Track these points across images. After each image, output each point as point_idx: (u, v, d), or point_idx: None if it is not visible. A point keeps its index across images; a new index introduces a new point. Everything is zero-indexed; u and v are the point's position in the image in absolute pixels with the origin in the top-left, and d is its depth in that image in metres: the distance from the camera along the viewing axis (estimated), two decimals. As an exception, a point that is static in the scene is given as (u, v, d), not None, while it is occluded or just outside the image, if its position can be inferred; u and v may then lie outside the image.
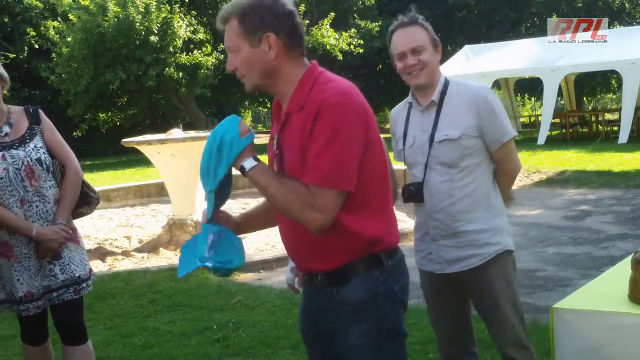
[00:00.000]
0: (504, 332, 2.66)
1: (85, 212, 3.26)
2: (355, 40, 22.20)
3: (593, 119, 19.95)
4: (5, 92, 3.04)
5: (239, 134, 1.84)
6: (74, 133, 20.63)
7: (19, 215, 2.93)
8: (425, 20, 2.63)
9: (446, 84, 2.65)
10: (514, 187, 10.44)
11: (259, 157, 1.86)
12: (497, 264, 2.63)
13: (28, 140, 2.99)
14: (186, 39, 20.05)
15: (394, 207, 2.14)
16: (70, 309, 3.09)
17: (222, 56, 21.72)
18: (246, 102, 26.20)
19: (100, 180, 14.18)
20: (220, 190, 1.92)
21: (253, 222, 2.19)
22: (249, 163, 1.84)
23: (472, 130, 2.56)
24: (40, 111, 3.11)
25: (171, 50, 19.26)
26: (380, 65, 27.81)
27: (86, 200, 3.21)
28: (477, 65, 17.71)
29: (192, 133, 8.26)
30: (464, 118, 2.57)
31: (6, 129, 2.99)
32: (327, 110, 1.78)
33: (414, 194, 2.64)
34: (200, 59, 20.20)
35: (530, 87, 24.32)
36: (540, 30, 23.94)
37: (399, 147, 2.76)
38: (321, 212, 1.80)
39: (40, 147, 2.99)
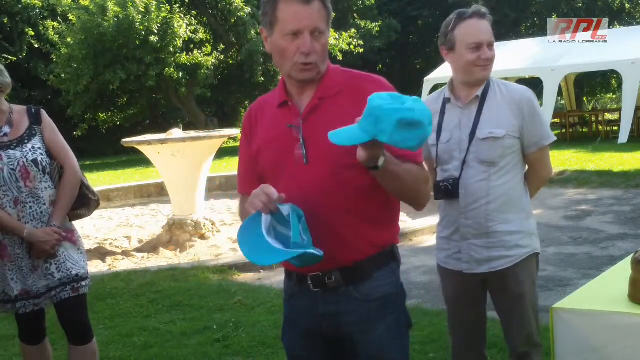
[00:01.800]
0: (523, 330, 2.67)
1: (84, 214, 3.24)
2: (355, 40, 22.19)
3: (593, 119, 19.94)
4: (5, 96, 3.03)
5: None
6: (74, 133, 20.62)
7: (12, 216, 2.93)
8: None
9: (489, 81, 2.64)
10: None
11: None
12: (525, 265, 2.64)
13: (26, 141, 2.98)
14: (186, 39, 20.04)
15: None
16: (72, 307, 3.09)
17: (222, 56, 21.75)
18: (246, 102, 26.12)
19: (100, 180, 14.18)
20: None
21: None
22: (382, 158, 1.73)
23: (515, 130, 2.56)
24: (43, 111, 3.11)
25: (171, 50, 19.23)
26: (380, 65, 27.83)
27: (84, 202, 3.19)
28: (477, 65, 17.65)
29: (192, 133, 8.27)
30: (507, 117, 2.56)
31: (6, 129, 2.99)
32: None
33: (450, 191, 2.60)
34: (200, 59, 20.18)
35: (530, 87, 24.19)
36: (540, 30, 23.94)
37: (429, 141, 2.68)
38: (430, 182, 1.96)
39: (39, 148, 2.99)
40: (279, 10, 1.83)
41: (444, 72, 17.40)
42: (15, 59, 20.80)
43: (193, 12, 21.77)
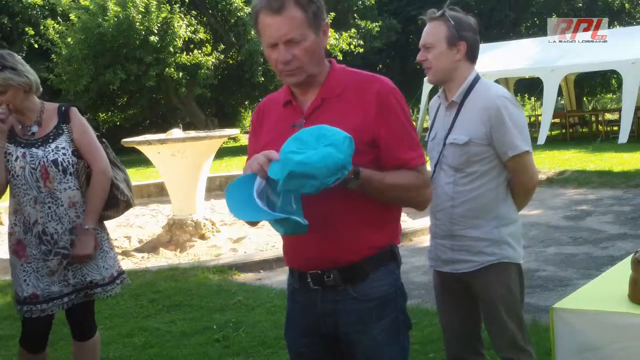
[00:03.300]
0: (502, 335, 2.67)
1: (112, 215, 3.21)
2: (355, 40, 22.19)
3: (593, 119, 19.95)
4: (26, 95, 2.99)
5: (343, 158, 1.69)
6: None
7: (31, 215, 2.93)
8: (456, 13, 2.59)
9: (472, 84, 2.61)
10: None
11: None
12: (495, 271, 2.61)
13: (51, 140, 2.98)
14: (186, 39, 20.04)
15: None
16: (80, 311, 3.13)
17: (222, 56, 21.74)
18: (246, 102, 26.12)
19: (100, 180, 14.14)
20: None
21: None
22: (355, 168, 1.76)
23: (481, 138, 2.53)
24: (73, 110, 3.08)
25: (171, 50, 19.22)
26: (380, 65, 27.83)
27: (112, 203, 3.15)
28: (477, 65, 17.60)
29: (192, 133, 8.27)
30: (475, 124, 2.54)
31: (34, 128, 3.00)
32: (392, 94, 1.89)
33: None
34: (200, 59, 20.17)
35: (530, 87, 24.33)
36: (540, 30, 23.94)
37: (426, 138, 2.77)
38: (430, 186, 1.97)
39: (62, 148, 2.97)
40: (259, 23, 1.85)
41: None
42: (15, 58, 20.75)
43: (193, 12, 21.76)
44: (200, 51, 20.64)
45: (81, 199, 3.03)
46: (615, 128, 16.49)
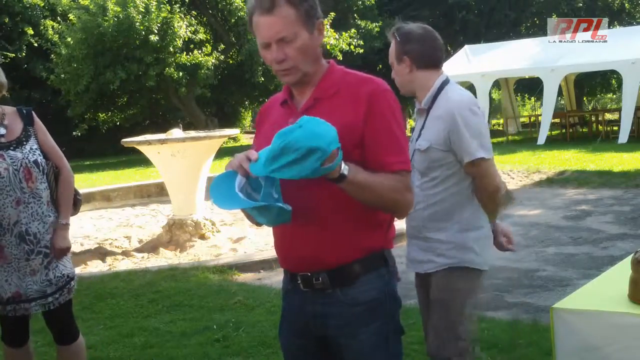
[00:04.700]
0: (430, 336, 2.71)
1: (73, 213, 3.26)
2: (355, 40, 22.18)
3: (593, 119, 19.97)
4: (3, 93, 3.03)
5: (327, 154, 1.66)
6: (74, 133, 20.60)
7: (12, 216, 2.92)
8: (407, 26, 2.68)
9: (439, 90, 2.64)
10: (514, 186, 10.34)
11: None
12: (452, 275, 2.65)
13: (24, 142, 3.00)
14: (186, 39, 20.03)
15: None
16: (60, 314, 3.12)
17: (222, 56, 21.74)
18: (246, 102, 26.11)
19: (100, 180, 14.18)
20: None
21: None
22: (345, 167, 1.73)
23: (441, 144, 2.58)
24: (33, 112, 3.13)
25: (171, 50, 19.22)
26: (380, 66, 27.80)
27: (73, 202, 3.23)
28: (477, 65, 17.72)
29: (192, 133, 8.27)
30: (436, 130, 2.60)
31: (1, 130, 2.99)
32: (384, 96, 1.86)
33: None
34: (200, 59, 20.16)
35: (530, 87, 24.33)
36: (540, 30, 23.92)
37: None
38: (412, 192, 1.90)
39: (36, 149, 3.01)
40: (253, 24, 1.85)
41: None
42: (14, 55, 20.74)
43: (193, 12, 21.76)
44: (200, 51, 20.63)
45: (50, 198, 3.08)
46: (615, 128, 16.51)
